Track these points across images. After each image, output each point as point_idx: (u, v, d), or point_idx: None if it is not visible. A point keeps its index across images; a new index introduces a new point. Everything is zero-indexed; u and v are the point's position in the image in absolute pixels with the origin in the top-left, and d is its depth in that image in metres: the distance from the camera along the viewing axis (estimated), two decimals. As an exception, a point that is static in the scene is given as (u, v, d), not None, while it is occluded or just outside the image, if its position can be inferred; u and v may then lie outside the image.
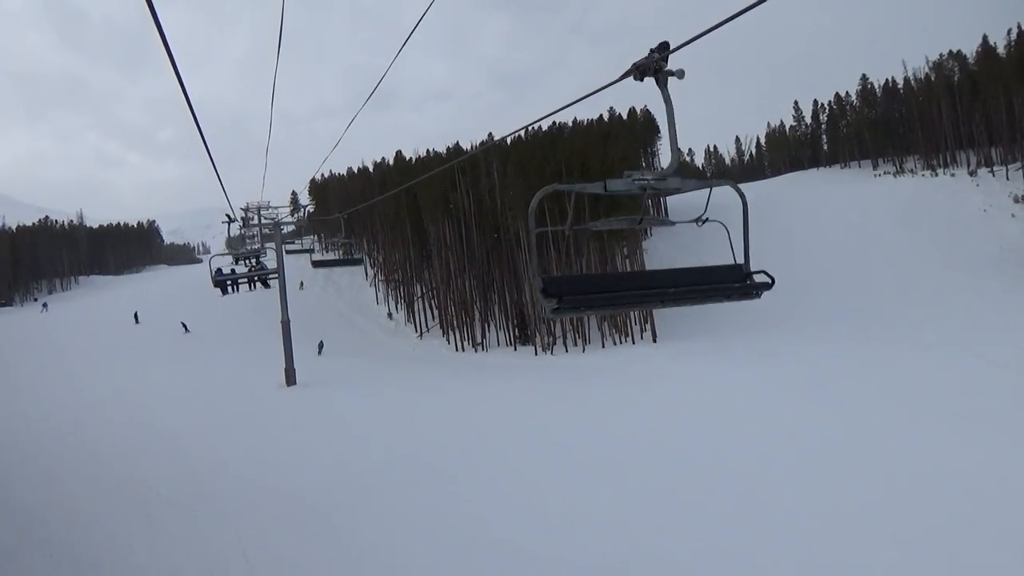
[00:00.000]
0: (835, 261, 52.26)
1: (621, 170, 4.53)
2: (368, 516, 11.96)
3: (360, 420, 21.74)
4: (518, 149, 45.89)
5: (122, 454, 17.40)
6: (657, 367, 32.07)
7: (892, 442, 15.56)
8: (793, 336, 37.80)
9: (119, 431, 20.40)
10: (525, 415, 21.45)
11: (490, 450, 16.63)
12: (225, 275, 24.19)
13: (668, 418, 19.82)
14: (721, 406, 21.14)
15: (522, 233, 41.93)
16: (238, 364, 38.95)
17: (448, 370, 38.78)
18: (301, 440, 18.37)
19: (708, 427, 18.14)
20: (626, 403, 22.88)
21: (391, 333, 62.32)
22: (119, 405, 25.41)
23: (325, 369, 36.45)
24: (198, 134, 7.03)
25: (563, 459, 15.46)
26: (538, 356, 41.13)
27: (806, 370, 28.14)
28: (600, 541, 10.47)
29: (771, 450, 15.41)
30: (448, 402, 25.01)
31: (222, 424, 20.43)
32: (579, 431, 18.51)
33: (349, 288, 78.07)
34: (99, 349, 44.07)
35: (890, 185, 69.38)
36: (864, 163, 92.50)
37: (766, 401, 21.63)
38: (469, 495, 13.06)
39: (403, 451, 16.70)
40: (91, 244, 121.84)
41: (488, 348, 47.24)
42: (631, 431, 18.27)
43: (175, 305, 64.83)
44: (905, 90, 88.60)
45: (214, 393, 27.35)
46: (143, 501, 12.97)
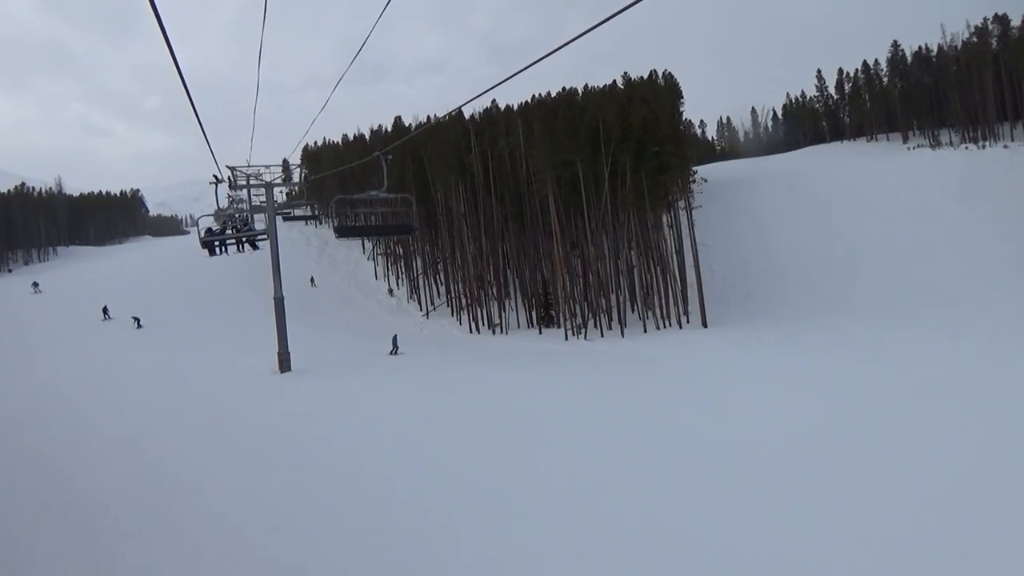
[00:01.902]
0: (888, 236, 47.34)
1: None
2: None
3: (368, 419, 17.06)
4: (542, 108, 40.37)
5: (78, 463, 13.44)
6: (719, 357, 27.13)
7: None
8: (865, 318, 32.98)
9: (79, 431, 16.30)
10: (579, 417, 16.46)
11: (545, 467, 11.90)
12: (214, 235, 23.52)
13: (763, 424, 14.88)
14: (826, 411, 16.10)
15: (551, 198, 36.60)
16: (228, 346, 34.74)
17: (466, 355, 33.78)
18: (296, 446, 14.14)
19: (821, 441, 13.18)
20: (700, 403, 17.96)
21: (393, 311, 57.18)
22: (82, 397, 21.03)
23: (323, 352, 32.00)
24: (185, 96, 6.68)
25: (645, 477, 10.82)
26: (569, 341, 36.04)
27: (901, 362, 23.36)
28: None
29: (912, 471, 10.46)
30: (478, 397, 20.07)
31: (204, 421, 16.72)
32: (653, 439, 13.88)
33: (345, 262, 72.78)
34: (69, 329, 38.76)
35: (933, 158, 64.25)
36: (893, 136, 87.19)
37: (877, 404, 16.65)
38: (536, 538, 8.03)
39: (435, 468, 11.97)
40: (71, 213, 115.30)
41: (507, 329, 42.09)
42: (719, 439, 13.43)
43: (159, 280, 59.72)
44: (939, 58, 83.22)
45: (198, 382, 23.49)
46: (94, 533, 9.46)
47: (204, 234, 23.28)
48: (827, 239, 48.26)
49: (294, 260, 61.99)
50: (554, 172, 36.12)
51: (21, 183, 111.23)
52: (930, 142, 79.27)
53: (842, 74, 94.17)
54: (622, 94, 47.65)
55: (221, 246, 23.66)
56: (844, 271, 42.17)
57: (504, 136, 42.16)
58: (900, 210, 51.25)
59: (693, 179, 36.84)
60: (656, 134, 35.46)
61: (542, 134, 36.40)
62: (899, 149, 79.24)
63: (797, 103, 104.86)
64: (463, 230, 44.26)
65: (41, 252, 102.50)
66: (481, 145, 43.46)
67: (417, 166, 52.64)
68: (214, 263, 63.46)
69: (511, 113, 41.12)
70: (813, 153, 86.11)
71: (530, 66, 4.80)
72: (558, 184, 36.42)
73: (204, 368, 27.05)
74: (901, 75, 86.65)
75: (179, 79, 5.76)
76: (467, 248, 45.08)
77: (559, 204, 36.82)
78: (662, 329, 36.53)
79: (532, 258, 43.69)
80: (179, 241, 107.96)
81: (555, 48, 4.67)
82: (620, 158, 34.89)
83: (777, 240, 48.66)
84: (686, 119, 38.51)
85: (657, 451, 12.75)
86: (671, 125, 36.62)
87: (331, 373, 24.99)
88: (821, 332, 30.71)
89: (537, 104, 45.05)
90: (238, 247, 24.04)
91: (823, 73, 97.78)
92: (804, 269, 43.33)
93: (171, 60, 5.27)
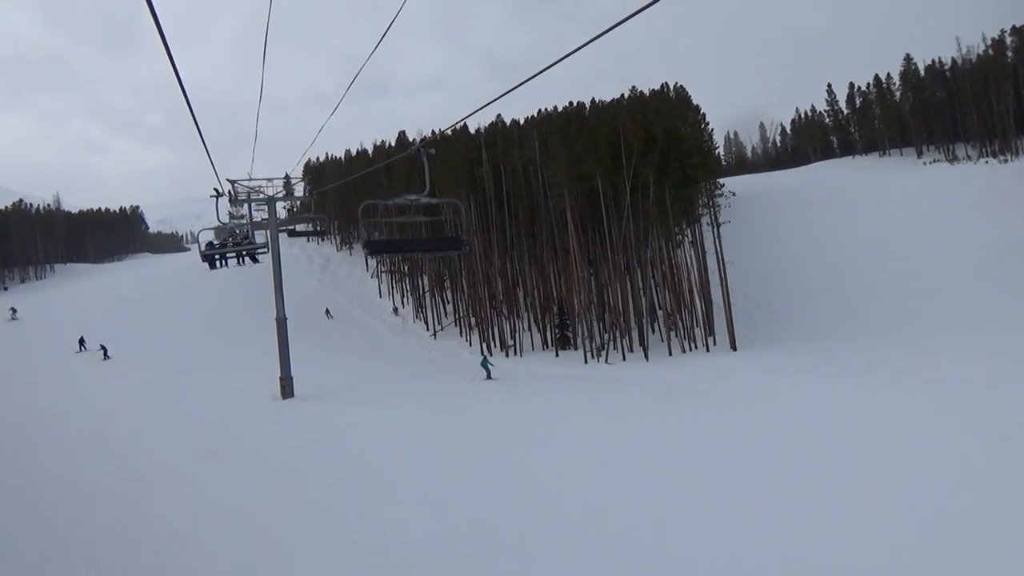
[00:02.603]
0: (917, 252, 45.32)
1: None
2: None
3: (378, 452, 15.33)
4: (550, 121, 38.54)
5: (51, 511, 11.87)
6: (755, 384, 24.99)
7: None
8: (907, 340, 30.90)
9: (56, 469, 14.70)
10: (613, 454, 14.40)
11: (579, 511, 10.31)
12: (214, 248, 23.28)
13: (819, 462, 12.80)
14: (899, 448, 13.97)
15: (568, 213, 34.55)
16: (227, 368, 32.94)
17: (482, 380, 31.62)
18: (299, 487, 12.61)
19: (899, 482, 11.11)
20: (744, 438, 15.87)
21: (398, 331, 55.11)
22: (65, 427, 19.53)
23: (327, 375, 30.17)
24: (186, 106, 6.73)
25: (698, 524, 9.39)
26: (588, 365, 33.86)
27: (964, 391, 21.19)
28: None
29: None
30: (495, 428, 18.17)
31: (197, 456, 15.39)
32: (694, 478, 12.26)
33: (348, 280, 70.92)
34: (41, 361, 36.54)
35: (954, 172, 62.50)
36: (906, 151, 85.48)
37: (960, 440, 14.48)
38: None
39: (452, 509, 10.67)
40: (69, 230, 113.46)
41: (521, 352, 39.87)
42: (775, 480, 11.49)
43: (155, 299, 57.81)
44: (952, 71, 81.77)
45: (193, 408, 21.70)
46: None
47: (204, 248, 23.14)
48: (853, 255, 46.23)
49: (295, 277, 60.05)
50: (571, 185, 34.15)
51: (19, 200, 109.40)
52: (946, 156, 77.53)
53: (853, 88, 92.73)
54: (639, 105, 45.82)
55: (221, 259, 23.39)
56: (876, 289, 40.06)
57: (517, 148, 40.29)
58: (927, 225, 49.28)
59: (720, 192, 34.89)
60: (680, 145, 33.60)
61: (559, 146, 34.49)
62: (914, 164, 77.52)
63: (806, 117, 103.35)
64: (474, 246, 42.20)
65: (38, 270, 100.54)
66: (493, 158, 41.59)
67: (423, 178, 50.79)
68: (213, 281, 62.24)
69: (525, 125, 39.26)
70: (825, 168, 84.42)
71: (534, 77, 5.15)
72: (575, 198, 34.48)
73: (201, 393, 25.08)
74: (914, 89, 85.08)
75: (179, 88, 5.81)
76: (478, 265, 43.04)
77: (577, 219, 34.83)
78: (688, 352, 34.33)
79: (546, 276, 41.64)
80: (178, 258, 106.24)
81: (558, 59, 4.92)
82: (642, 171, 32.97)
83: (800, 256, 46.64)
84: (710, 128, 36.35)
85: (699, 492, 11.22)
86: (697, 135, 34.72)
87: (337, 400, 23.26)
88: (862, 356, 28.56)
89: (544, 118, 43.31)
90: (238, 260, 23.64)
91: (833, 87, 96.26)
92: (832, 287, 41.24)
93: (171, 68, 5.31)
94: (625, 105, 46.87)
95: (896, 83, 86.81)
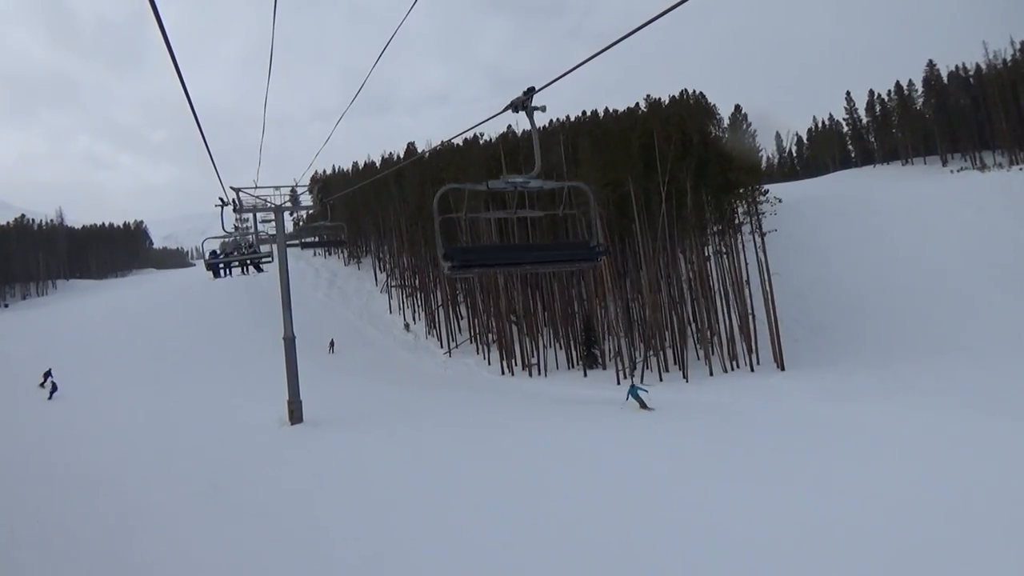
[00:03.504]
0: (967, 262, 42.58)
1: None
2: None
3: (399, 491, 13.10)
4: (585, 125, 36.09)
5: (24, 561, 10.07)
6: (818, 412, 22.16)
7: None
8: (975, 359, 28.13)
9: (38, 505, 13.02)
10: (687, 498, 11.74)
11: None
12: (217, 257, 22.90)
13: (928, 516, 10.01)
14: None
15: (598, 221, 31.99)
16: (231, 390, 30.96)
17: (506, 402, 29.06)
18: (311, 536, 10.43)
19: None
20: (812, 475, 13.29)
21: (411, 348, 52.63)
22: (47, 462, 17.31)
23: (338, 397, 28.12)
24: (192, 124, 7.15)
25: None
26: (622, 386, 31.00)
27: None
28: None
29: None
30: (528, 460, 15.66)
31: (193, 494, 13.51)
32: (758, 521, 10.09)
33: (357, 294, 68.59)
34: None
35: (987, 180, 59.96)
36: (930, 159, 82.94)
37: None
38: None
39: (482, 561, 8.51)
40: (72, 246, 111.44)
41: (546, 371, 37.13)
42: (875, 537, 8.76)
43: (156, 315, 55.46)
44: (979, 76, 79.37)
45: (191, 438, 19.48)
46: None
47: (208, 257, 23.02)
48: (894, 266, 43.55)
49: (303, 292, 57.63)
50: (601, 192, 31.64)
51: (21, 215, 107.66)
52: (973, 164, 74.89)
53: (873, 95, 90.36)
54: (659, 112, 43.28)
55: (226, 268, 23.01)
56: (926, 302, 37.34)
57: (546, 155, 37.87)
58: (971, 234, 46.66)
59: (764, 198, 32.25)
60: (719, 149, 31.15)
61: (589, 150, 31.98)
62: (940, 172, 74.85)
63: (824, 126, 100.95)
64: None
65: (40, 286, 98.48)
66: (513, 165, 39.17)
67: (437, 187, 48.33)
68: (216, 297, 60.00)
69: (549, 129, 36.88)
70: (848, 177, 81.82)
71: (546, 87, 5.49)
72: (604, 205, 31.96)
73: (202, 418, 23.20)
74: (938, 95, 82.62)
75: (184, 93, 5.97)
76: (497, 278, 40.45)
77: (606, 228, 32.26)
78: (729, 372, 31.56)
79: (572, 290, 39.04)
80: (182, 273, 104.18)
81: (568, 70, 5.22)
82: (678, 175, 30.49)
83: (836, 268, 43.95)
84: (753, 130, 33.52)
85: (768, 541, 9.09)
86: (737, 138, 32.20)
87: (350, 425, 21.40)
88: (931, 377, 25.82)
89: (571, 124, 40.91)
90: (243, 270, 23.20)
91: (852, 95, 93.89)
92: (876, 300, 38.55)
93: (176, 74, 5.33)
94: (641, 115, 44.06)
95: (919, 89, 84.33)
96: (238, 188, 24.81)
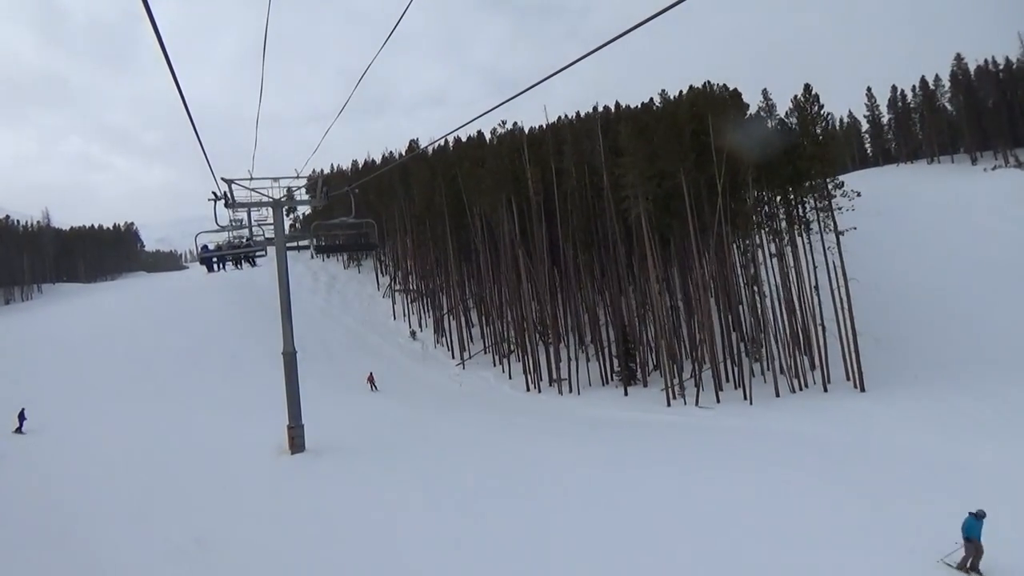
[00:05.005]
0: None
1: None
2: None
3: (421, 538, 11.30)
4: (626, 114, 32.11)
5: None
6: (927, 446, 18.32)
7: None
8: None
9: None
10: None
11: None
12: (211, 251, 22.09)
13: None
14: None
15: (644, 219, 27.89)
16: (223, 409, 28.13)
17: (533, 425, 25.05)
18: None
19: None
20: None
21: (419, 358, 48.45)
22: None
23: (341, 415, 25.58)
24: (186, 123, 7.20)
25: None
26: (673, 408, 27.07)
27: None
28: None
29: None
30: (574, 501, 13.04)
31: (174, 549, 11.57)
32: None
33: (357, 299, 64.40)
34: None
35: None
36: (957, 157, 79.25)
37: None
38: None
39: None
40: (59, 248, 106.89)
41: (579, 387, 32.89)
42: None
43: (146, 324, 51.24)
44: (1008, 71, 75.75)
45: (174, 475, 17.02)
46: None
47: (201, 251, 22.14)
48: (959, 269, 39.60)
49: (300, 297, 53.23)
50: (646, 187, 27.58)
51: (5, 216, 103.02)
52: (1007, 162, 71.15)
53: (896, 91, 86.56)
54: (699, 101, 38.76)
55: (219, 262, 22.21)
56: (1007, 307, 33.37)
57: (571, 144, 33.78)
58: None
59: (840, 190, 28.00)
60: (785, 135, 27.16)
61: (634, 140, 27.87)
62: (972, 171, 71.15)
63: (842, 124, 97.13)
64: (518, 260, 35.46)
65: (24, 290, 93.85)
66: (542, 160, 35.13)
67: (449, 186, 44.35)
68: (208, 303, 55.73)
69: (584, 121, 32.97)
70: (873, 176, 77.77)
71: (543, 81, 5.41)
72: (648, 201, 27.92)
73: (188, 451, 20.25)
74: (966, 91, 78.86)
75: (175, 86, 5.89)
76: (521, 282, 36.31)
77: (651, 228, 28.19)
78: (798, 392, 27.49)
79: (608, 296, 35.02)
80: (175, 277, 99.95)
81: (568, 64, 5.17)
82: (738, 166, 26.52)
83: (888, 272, 39.94)
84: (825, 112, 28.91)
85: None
86: (807, 120, 28.09)
87: (358, 457, 18.88)
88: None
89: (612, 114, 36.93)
90: (236, 264, 22.21)
91: (873, 91, 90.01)
92: (945, 307, 34.62)
93: (168, 70, 5.39)
94: (688, 100, 39.73)
95: (945, 85, 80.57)
96: (230, 180, 21.16)
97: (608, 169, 30.77)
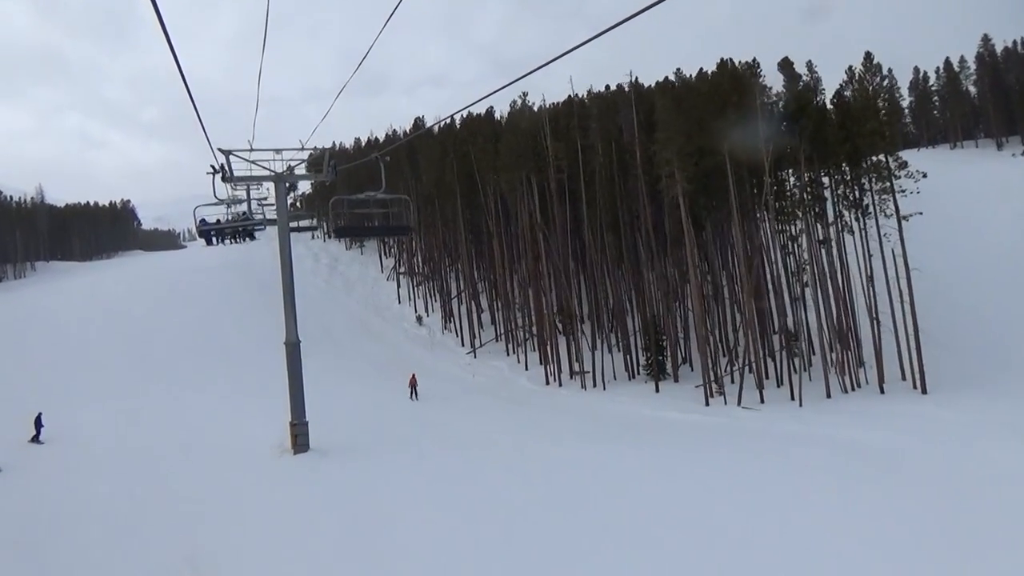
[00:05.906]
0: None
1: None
2: None
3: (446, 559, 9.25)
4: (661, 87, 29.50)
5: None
6: (1008, 460, 15.80)
7: None
8: None
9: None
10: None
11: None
12: (209, 224, 20.86)
13: None
14: None
15: (681, 199, 25.45)
16: (220, 401, 26.63)
17: (556, 421, 22.86)
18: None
19: None
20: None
21: (426, 345, 46.24)
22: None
23: (346, 407, 23.87)
24: (185, 99, 6.82)
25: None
26: (712, 407, 24.77)
27: None
28: None
29: None
30: (618, 514, 10.83)
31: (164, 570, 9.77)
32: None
33: (360, 282, 61.97)
34: None
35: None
36: (982, 142, 76.64)
37: None
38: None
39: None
40: (53, 225, 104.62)
41: (604, 382, 30.60)
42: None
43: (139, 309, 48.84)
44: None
45: (167, 478, 15.30)
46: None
47: (199, 223, 21.14)
48: (992, 260, 37.24)
49: (300, 279, 49.72)
50: (683, 164, 25.09)
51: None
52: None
53: (918, 73, 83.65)
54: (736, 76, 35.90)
55: (218, 236, 21.52)
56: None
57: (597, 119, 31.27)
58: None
59: (904, 171, 25.37)
60: (844, 108, 24.68)
61: (671, 114, 25.33)
62: (999, 156, 68.58)
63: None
64: (537, 241, 32.99)
65: (17, 268, 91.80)
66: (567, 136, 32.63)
67: (461, 162, 41.81)
68: (206, 285, 53.30)
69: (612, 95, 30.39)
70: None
71: (545, 65, 5.36)
72: (688, 180, 25.45)
73: (183, 450, 18.54)
74: (992, 73, 76.04)
75: (173, 58, 5.85)
76: (541, 266, 33.87)
77: (688, 210, 25.74)
78: (850, 392, 25.25)
79: (635, 282, 32.63)
80: (172, 256, 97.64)
81: (559, 54, 5.16)
82: (788, 142, 24.07)
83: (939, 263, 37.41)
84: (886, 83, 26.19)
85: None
86: (866, 93, 25.55)
87: (367, 457, 16.98)
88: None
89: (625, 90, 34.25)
90: (234, 238, 21.84)
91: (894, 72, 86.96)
92: (1008, 302, 32.22)
93: (167, 44, 5.35)
94: (730, 72, 36.81)
95: (971, 67, 77.70)
96: (228, 151, 18.84)
97: (641, 145, 28.24)
